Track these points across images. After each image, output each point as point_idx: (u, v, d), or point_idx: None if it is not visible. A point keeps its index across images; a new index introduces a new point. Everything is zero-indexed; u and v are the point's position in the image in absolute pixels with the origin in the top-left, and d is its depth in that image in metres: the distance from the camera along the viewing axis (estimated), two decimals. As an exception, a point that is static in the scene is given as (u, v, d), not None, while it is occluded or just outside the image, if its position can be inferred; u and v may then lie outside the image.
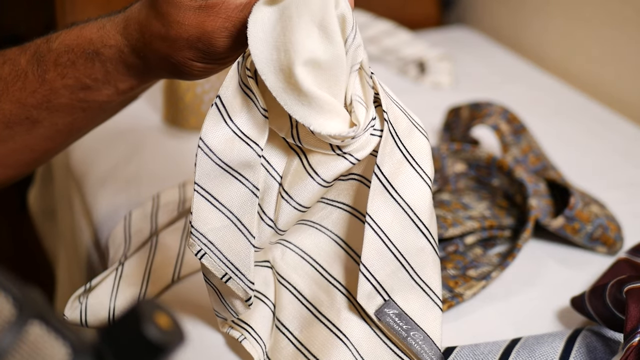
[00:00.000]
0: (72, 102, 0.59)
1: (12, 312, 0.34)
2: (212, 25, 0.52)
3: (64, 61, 0.58)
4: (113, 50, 0.57)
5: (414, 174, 0.54)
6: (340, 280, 0.60)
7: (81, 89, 0.59)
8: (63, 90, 0.59)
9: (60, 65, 0.58)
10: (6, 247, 1.67)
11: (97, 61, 0.57)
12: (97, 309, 0.64)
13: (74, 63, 0.58)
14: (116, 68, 0.57)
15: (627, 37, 1.10)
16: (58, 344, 0.35)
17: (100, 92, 0.59)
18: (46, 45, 0.60)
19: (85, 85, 0.59)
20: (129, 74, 0.58)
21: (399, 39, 1.21)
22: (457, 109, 0.96)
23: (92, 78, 0.58)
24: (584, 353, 0.61)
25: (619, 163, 0.96)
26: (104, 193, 0.91)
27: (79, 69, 0.58)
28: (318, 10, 0.47)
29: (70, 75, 0.58)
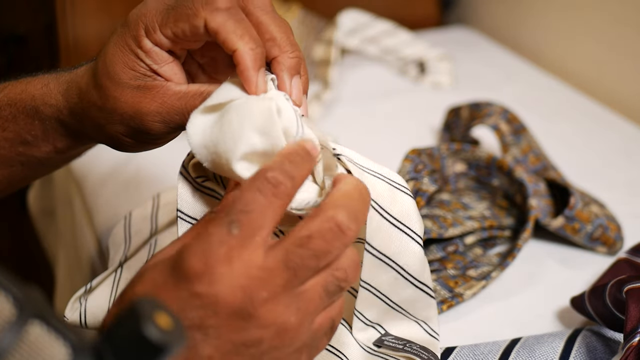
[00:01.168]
0: (12, 154, 0.60)
1: (12, 312, 0.34)
2: (147, 108, 0.52)
3: (6, 114, 0.59)
4: (52, 110, 0.57)
5: (405, 238, 0.53)
6: None
7: (20, 144, 0.59)
8: (3, 142, 0.60)
9: (1, 118, 0.59)
10: (6, 247, 1.67)
11: (37, 119, 0.58)
12: (96, 312, 0.64)
13: (15, 117, 0.59)
14: (54, 127, 0.58)
15: (627, 37, 1.10)
16: (58, 344, 0.35)
17: (39, 148, 0.59)
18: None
19: (24, 140, 0.59)
20: (66, 134, 0.58)
21: (399, 39, 1.21)
22: (457, 109, 0.96)
23: (32, 134, 0.59)
24: (584, 353, 0.61)
25: (619, 163, 0.96)
26: (104, 193, 0.91)
27: (19, 124, 0.59)
28: (260, 119, 0.46)
29: (11, 129, 0.59)
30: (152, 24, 0.51)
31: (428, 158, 0.80)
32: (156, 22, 0.51)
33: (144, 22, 0.51)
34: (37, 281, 1.36)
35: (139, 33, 0.52)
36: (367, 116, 1.09)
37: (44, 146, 0.59)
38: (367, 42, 1.20)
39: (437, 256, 0.75)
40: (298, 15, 1.17)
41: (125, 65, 0.52)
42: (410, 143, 0.87)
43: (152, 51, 0.52)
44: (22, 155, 0.60)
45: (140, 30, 0.52)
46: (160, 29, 0.51)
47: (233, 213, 0.42)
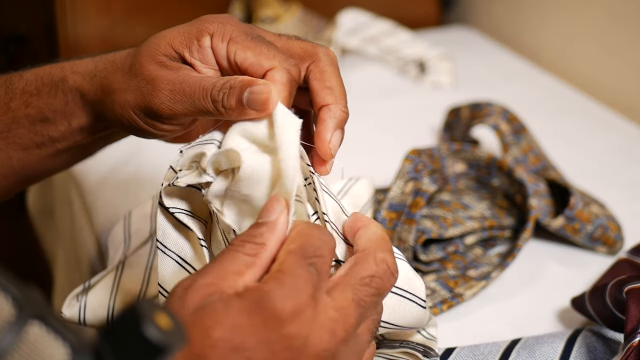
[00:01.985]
0: (30, 134, 0.60)
1: (12, 312, 0.34)
2: (162, 79, 0.53)
3: (31, 89, 0.59)
4: (78, 78, 0.58)
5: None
6: None
7: (40, 121, 0.60)
8: (24, 119, 0.60)
9: (26, 93, 0.60)
10: (6, 247, 1.67)
11: (60, 90, 0.58)
12: (96, 308, 0.64)
13: (39, 91, 0.59)
14: (75, 100, 0.58)
15: (628, 37, 1.10)
16: (58, 344, 0.35)
17: (56, 126, 0.60)
18: (19, 75, 0.61)
19: (44, 116, 0.59)
20: (84, 108, 0.59)
21: (399, 39, 1.21)
22: (457, 109, 0.96)
23: (52, 109, 0.59)
24: (584, 353, 0.61)
25: (619, 163, 0.96)
26: (104, 193, 0.91)
27: (42, 98, 0.59)
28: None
29: (34, 104, 0.59)
30: (225, 33, 0.53)
31: (428, 158, 0.80)
32: (230, 34, 0.53)
33: (219, 26, 0.54)
34: (37, 281, 1.36)
35: (205, 28, 0.54)
36: (367, 116, 1.09)
37: (60, 124, 0.59)
38: (367, 42, 1.20)
39: (437, 256, 0.75)
40: (298, 15, 1.17)
41: (171, 45, 0.53)
42: (410, 143, 0.87)
43: (204, 49, 0.53)
44: (39, 134, 0.60)
45: (209, 27, 0.54)
46: (230, 42, 0.53)
47: (309, 257, 0.44)
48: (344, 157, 1.01)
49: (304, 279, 0.42)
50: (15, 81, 0.60)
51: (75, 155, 0.64)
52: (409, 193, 0.75)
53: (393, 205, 0.74)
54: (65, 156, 0.63)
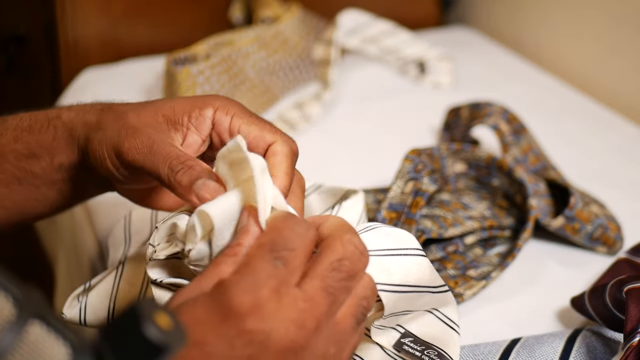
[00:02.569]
0: (13, 169, 0.61)
1: (12, 312, 0.34)
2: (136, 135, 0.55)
3: (24, 125, 0.61)
4: (72, 114, 0.60)
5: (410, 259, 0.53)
6: None
7: (25, 157, 0.61)
8: (10, 155, 0.61)
9: (18, 129, 0.61)
10: (6, 247, 1.67)
11: (52, 126, 0.60)
12: (96, 308, 0.64)
13: (31, 127, 0.61)
14: (63, 135, 0.60)
15: (628, 37, 1.10)
16: (58, 344, 0.36)
17: (39, 161, 0.61)
18: (14, 115, 0.63)
19: (31, 152, 0.61)
20: (69, 145, 0.60)
21: (399, 39, 1.21)
22: (457, 109, 0.96)
23: (40, 145, 0.61)
24: (584, 353, 0.61)
25: (619, 163, 0.96)
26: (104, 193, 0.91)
27: (33, 134, 0.61)
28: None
29: (24, 140, 0.61)
30: (230, 108, 0.56)
31: (428, 158, 0.80)
32: (234, 110, 0.56)
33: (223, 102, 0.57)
34: (37, 281, 1.36)
35: (210, 101, 0.57)
36: (367, 116, 1.09)
37: (43, 160, 0.61)
38: (367, 42, 1.20)
39: (437, 256, 0.75)
40: (298, 15, 1.17)
41: (173, 108, 0.57)
42: (410, 143, 0.87)
43: (204, 118, 0.56)
44: (22, 170, 0.61)
45: (215, 102, 0.57)
46: (234, 116, 0.56)
47: (276, 250, 0.44)
48: (344, 157, 1.01)
49: (266, 272, 0.42)
50: (9, 119, 0.62)
51: (53, 200, 0.65)
52: (409, 193, 0.75)
53: (393, 205, 0.74)
54: (43, 197, 0.64)
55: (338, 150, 0.99)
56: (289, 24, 1.15)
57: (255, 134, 0.55)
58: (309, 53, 1.15)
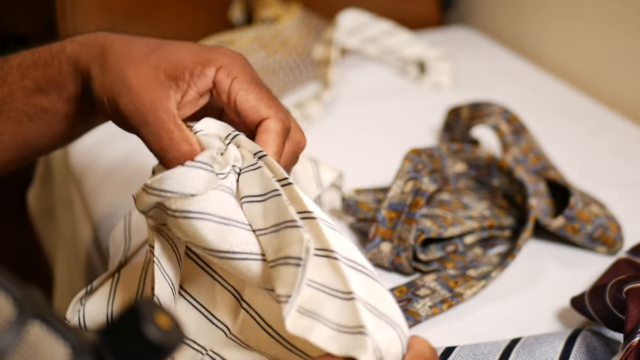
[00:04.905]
0: (23, 106, 0.62)
1: (12, 312, 0.34)
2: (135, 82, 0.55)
3: (28, 62, 0.61)
4: (76, 46, 0.59)
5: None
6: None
7: (34, 92, 0.61)
8: (19, 92, 0.61)
9: (23, 66, 0.61)
10: (6, 248, 1.67)
11: (57, 59, 0.60)
12: (94, 315, 0.64)
13: (35, 63, 0.61)
14: (68, 68, 0.60)
15: (628, 37, 1.10)
16: (58, 344, 0.35)
17: (47, 96, 0.61)
18: (16, 54, 0.63)
19: (39, 87, 0.61)
20: (75, 77, 0.60)
21: (399, 39, 1.21)
22: (457, 109, 0.96)
23: (47, 79, 0.60)
24: (584, 353, 0.61)
25: (619, 163, 0.96)
26: (104, 193, 0.91)
27: (38, 69, 0.61)
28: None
29: (31, 76, 0.61)
30: (232, 70, 0.56)
31: (428, 158, 0.80)
32: (236, 73, 0.56)
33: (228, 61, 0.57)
34: (37, 281, 1.36)
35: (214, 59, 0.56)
36: (367, 116, 1.09)
37: (51, 94, 0.61)
38: (367, 42, 1.20)
39: (436, 256, 0.75)
40: (298, 15, 1.17)
41: (175, 65, 0.56)
42: (410, 143, 0.87)
43: (205, 78, 0.56)
44: (32, 106, 0.61)
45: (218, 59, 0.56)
46: (234, 80, 0.56)
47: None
48: (344, 157, 1.01)
49: None
50: (12, 58, 0.62)
51: (63, 133, 0.65)
52: (409, 192, 0.75)
53: (393, 205, 0.75)
54: (53, 131, 0.64)
55: (338, 150, 0.99)
56: (289, 24, 1.15)
57: (251, 104, 0.56)
58: (309, 53, 1.15)
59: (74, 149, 1.00)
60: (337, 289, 0.47)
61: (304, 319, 0.47)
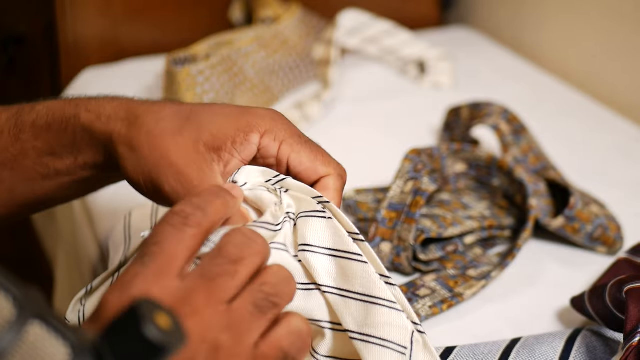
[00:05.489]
0: (35, 166, 0.59)
1: (12, 312, 0.34)
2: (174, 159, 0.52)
3: (42, 123, 0.58)
4: (93, 116, 0.56)
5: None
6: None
7: (47, 154, 0.59)
8: (32, 152, 0.59)
9: (36, 127, 0.58)
10: (7, 248, 1.67)
11: (71, 126, 0.57)
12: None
13: (49, 126, 0.58)
14: (83, 138, 0.57)
15: (628, 37, 1.10)
16: (58, 343, 0.36)
17: (62, 160, 0.59)
18: (30, 107, 0.60)
19: (52, 150, 0.58)
20: (93, 147, 0.57)
21: (399, 39, 1.21)
22: (457, 109, 0.96)
23: (61, 144, 0.58)
24: (584, 353, 0.61)
25: (619, 163, 0.96)
26: (104, 193, 0.91)
27: (52, 133, 0.58)
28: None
29: (44, 138, 0.58)
30: (278, 133, 0.53)
31: (428, 158, 0.80)
32: (283, 135, 0.54)
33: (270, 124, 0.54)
34: (37, 281, 1.36)
35: (256, 124, 0.53)
36: (367, 116, 1.09)
37: (66, 158, 0.58)
38: (367, 42, 1.20)
39: (436, 256, 0.75)
40: (298, 15, 1.17)
41: (215, 135, 0.53)
42: (410, 143, 0.87)
43: (250, 145, 0.53)
44: (45, 167, 0.59)
45: (260, 124, 0.53)
46: (283, 143, 0.53)
47: (145, 247, 0.42)
48: (344, 157, 1.01)
49: (132, 271, 0.42)
50: (26, 113, 0.59)
51: (79, 190, 0.63)
52: (409, 192, 0.75)
53: (393, 205, 0.75)
54: (68, 190, 0.62)
55: (338, 150, 0.99)
56: (289, 24, 1.15)
57: (306, 165, 0.53)
58: (309, 53, 1.15)
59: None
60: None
61: None
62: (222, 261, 0.42)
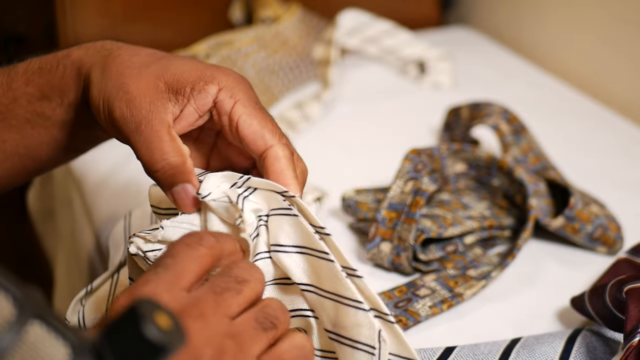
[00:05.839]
0: (25, 114, 0.61)
1: (12, 312, 0.34)
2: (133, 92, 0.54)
3: (33, 68, 0.60)
4: (82, 52, 0.59)
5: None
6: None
7: (37, 99, 0.60)
8: (23, 99, 0.60)
9: (28, 72, 0.60)
10: (7, 248, 1.67)
11: (61, 64, 0.59)
12: (94, 316, 0.64)
13: (41, 69, 0.60)
14: (71, 73, 0.59)
15: (628, 37, 1.10)
16: (58, 343, 0.35)
17: (50, 103, 0.60)
18: (22, 61, 0.62)
19: (42, 94, 0.60)
20: (77, 83, 0.59)
21: (399, 39, 1.21)
22: (457, 109, 0.96)
23: (50, 85, 0.60)
24: (584, 353, 0.61)
25: (619, 163, 0.96)
26: (104, 193, 0.91)
27: (43, 75, 0.60)
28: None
29: (35, 82, 0.60)
30: (235, 92, 0.55)
31: (428, 158, 0.80)
32: (239, 95, 0.55)
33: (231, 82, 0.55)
34: (37, 281, 1.36)
35: (217, 77, 0.55)
36: (367, 116, 1.09)
37: (54, 101, 0.60)
38: (367, 42, 1.20)
39: (436, 256, 0.75)
40: (298, 15, 1.17)
41: (177, 77, 0.54)
42: (410, 143, 0.87)
43: (205, 95, 0.54)
44: (34, 113, 0.61)
45: (222, 79, 0.55)
46: (237, 102, 0.54)
47: (159, 259, 0.44)
48: (344, 157, 1.01)
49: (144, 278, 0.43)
50: (19, 65, 0.61)
51: (65, 143, 0.64)
52: (409, 192, 0.75)
53: (393, 205, 0.75)
54: (55, 141, 0.63)
55: (338, 150, 0.99)
56: (289, 24, 1.15)
57: (255, 129, 0.54)
58: (309, 53, 1.15)
59: (74, 149, 1.00)
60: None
61: None
62: (229, 279, 0.45)
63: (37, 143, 0.62)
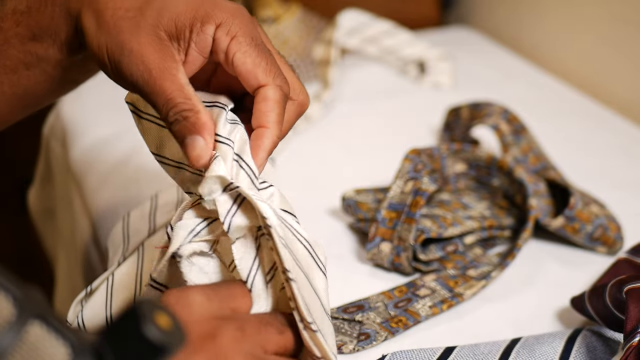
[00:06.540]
0: (19, 54, 0.60)
1: (12, 312, 0.34)
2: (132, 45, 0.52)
3: (22, 8, 0.59)
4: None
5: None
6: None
7: (29, 39, 0.59)
8: (14, 39, 0.60)
9: (17, 12, 0.59)
10: (7, 247, 1.67)
11: (50, 4, 0.58)
12: (92, 318, 0.64)
13: (29, 9, 0.59)
14: (60, 13, 0.58)
15: (628, 37, 1.10)
16: (58, 344, 0.36)
17: (42, 43, 0.59)
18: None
19: (33, 34, 0.59)
20: (68, 22, 0.57)
21: (399, 39, 1.21)
22: (457, 109, 0.96)
23: (40, 26, 0.59)
24: (584, 353, 0.61)
25: (619, 163, 0.96)
26: (104, 193, 0.91)
27: (32, 15, 0.59)
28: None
29: (25, 22, 0.59)
30: (232, 28, 0.53)
31: (428, 158, 0.80)
32: (236, 31, 0.52)
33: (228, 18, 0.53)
34: (37, 281, 1.36)
35: (214, 15, 0.53)
36: (367, 116, 1.09)
37: (46, 41, 0.59)
38: (367, 42, 1.20)
39: (436, 256, 0.75)
40: (298, 15, 1.17)
41: (175, 21, 0.53)
42: (410, 143, 0.87)
43: (205, 36, 0.52)
44: (28, 53, 0.60)
45: (218, 16, 0.53)
46: (233, 39, 0.52)
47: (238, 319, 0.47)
48: (344, 157, 1.01)
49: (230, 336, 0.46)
50: (7, 2, 0.60)
51: (61, 79, 0.63)
52: (409, 192, 0.75)
53: (393, 205, 0.75)
54: (52, 78, 0.62)
55: (338, 150, 0.99)
56: (289, 24, 1.15)
57: (248, 67, 0.52)
58: (309, 53, 1.15)
59: (74, 149, 1.00)
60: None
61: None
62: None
63: (34, 82, 0.62)
